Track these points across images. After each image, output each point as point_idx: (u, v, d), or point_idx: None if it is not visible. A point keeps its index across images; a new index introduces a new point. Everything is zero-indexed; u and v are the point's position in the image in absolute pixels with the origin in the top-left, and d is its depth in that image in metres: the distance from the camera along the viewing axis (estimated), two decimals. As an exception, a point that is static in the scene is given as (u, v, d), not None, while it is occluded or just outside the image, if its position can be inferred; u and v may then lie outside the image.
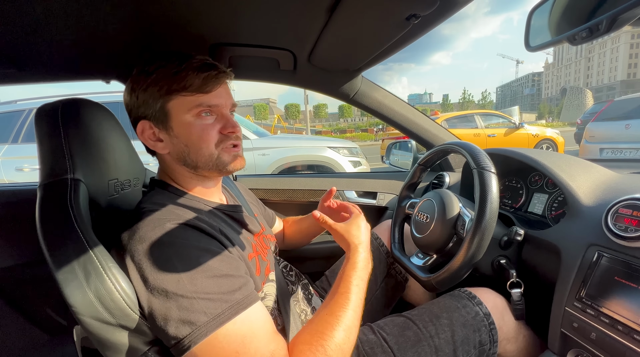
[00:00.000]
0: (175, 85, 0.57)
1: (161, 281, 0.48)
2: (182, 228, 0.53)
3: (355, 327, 0.54)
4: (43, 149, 0.58)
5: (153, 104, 0.58)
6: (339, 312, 0.54)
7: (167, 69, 0.57)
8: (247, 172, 3.04)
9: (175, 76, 0.57)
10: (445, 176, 1.15)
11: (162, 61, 0.58)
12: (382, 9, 0.59)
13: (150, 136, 0.60)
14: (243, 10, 0.64)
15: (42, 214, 0.53)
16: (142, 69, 0.59)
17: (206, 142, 0.59)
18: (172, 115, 0.58)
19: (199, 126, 0.59)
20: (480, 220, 0.63)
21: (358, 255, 0.63)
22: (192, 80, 0.57)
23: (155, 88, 0.57)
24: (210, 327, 0.46)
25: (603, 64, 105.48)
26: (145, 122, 0.60)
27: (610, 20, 0.39)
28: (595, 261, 0.58)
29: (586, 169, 0.76)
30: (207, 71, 0.58)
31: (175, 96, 0.58)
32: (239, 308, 0.48)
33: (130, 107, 0.61)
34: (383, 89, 1.12)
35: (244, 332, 0.48)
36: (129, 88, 0.60)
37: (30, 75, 0.84)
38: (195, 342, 0.45)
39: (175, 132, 0.59)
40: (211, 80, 0.58)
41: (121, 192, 0.71)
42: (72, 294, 0.49)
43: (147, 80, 0.57)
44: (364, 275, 0.61)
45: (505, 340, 0.69)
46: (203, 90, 0.58)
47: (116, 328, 0.51)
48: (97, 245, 0.52)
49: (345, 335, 0.52)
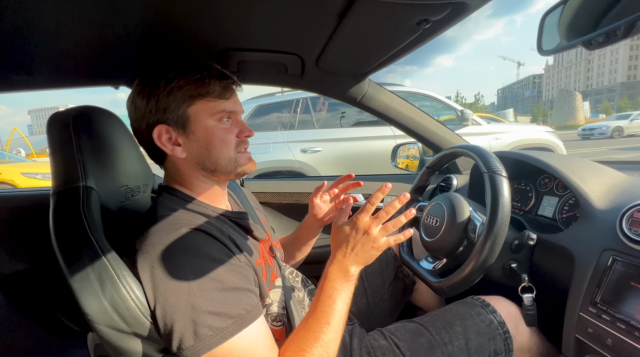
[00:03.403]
0: (198, 91, 0.59)
1: (172, 290, 0.49)
2: (195, 234, 0.53)
3: (335, 341, 0.54)
4: (56, 157, 0.58)
5: (175, 108, 0.59)
6: (316, 328, 0.54)
7: (188, 75, 0.59)
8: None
9: (198, 82, 0.59)
10: (452, 179, 1.15)
11: (180, 67, 0.60)
12: (394, 14, 0.59)
13: (168, 140, 0.60)
14: (252, 15, 0.64)
15: (56, 222, 0.53)
16: (159, 74, 0.59)
17: (227, 146, 0.62)
18: (193, 120, 0.60)
19: (220, 130, 0.61)
20: (493, 224, 0.62)
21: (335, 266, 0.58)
22: (215, 87, 0.59)
23: (179, 93, 0.58)
24: (213, 342, 0.48)
25: (603, 66, 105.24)
26: (162, 127, 0.59)
27: (628, 25, 0.39)
28: (609, 266, 0.57)
29: (598, 171, 0.75)
30: (226, 79, 0.61)
31: (199, 101, 0.59)
32: (242, 324, 0.50)
33: (144, 112, 0.60)
34: (390, 92, 1.12)
35: (246, 347, 0.50)
36: (146, 93, 0.59)
37: (39, 81, 0.85)
38: (197, 354, 0.47)
39: (196, 136, 0.60)
40: (229, 88, 0.62)
41: (131, 198, 0.71)
42: (88, 303, 0.49)
43: (169, 85, 0.58)
44: (344, 285, 0.58)
45: (519, 349, 0.69)
46: (224, 96, 0.61)
47: (130, 336, 0.51)
48: (111, 252, 0.53)
49: (323, 350, 0.52)
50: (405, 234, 0.58)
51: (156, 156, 0.64)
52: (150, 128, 0.60)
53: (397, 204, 0.56)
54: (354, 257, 0.57)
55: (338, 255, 0.58)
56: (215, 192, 0.66)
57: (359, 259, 0.57)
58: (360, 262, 0.57)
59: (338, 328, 0.55)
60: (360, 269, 0.58)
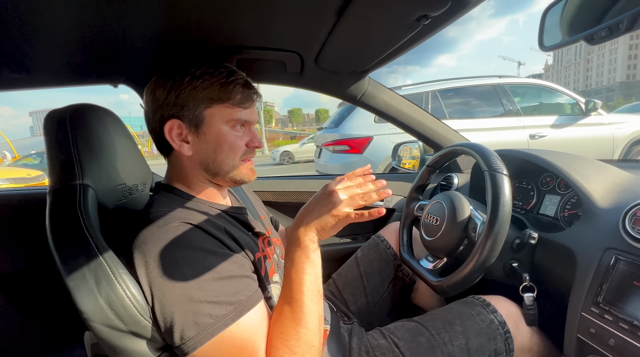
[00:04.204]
0: (220, 95, 0.59)
1: (168, 284, 0.49)
2: (188, 229, 0.53)
3: (310, 315, 0.51)
4: (52, 155, 0.58)
5: (193, 106, 0.59)
6: (285, 308, 0.52)
7: (214, 77, 0.59)
8: (605, 145, 3.35)
9: (222, 86, 0.60)
10: (453, 178, 1.14)
11: (209, 68, 0.60)
12: (393, 10, 0.59)
13: (177, 136, 0.61)
14: (251, 13, 0.63)
15: (52, 220, 0.53)
16: (186, 69, 0.60)
17: (234, 153, 0.63)
18: (208, 122, 0.60)
19: (232, 136, 0.62)
20: (493, 223, 0.62)
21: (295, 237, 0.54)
22: (236, 94, 0.60)
23: (201, 93, 0.59)
24: (215, 329, 0.48)
25: (602, 65, 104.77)
26: (175, 121, 0.60)
27: (631, 19, 0.38)
28: (612, 265, 0.56)
29: (600, 170, 0.74)
30: (250, 88, 0.63)
31: (218, 105, 0.60)
32: (242, 310, 0.50)
33: (161, 103, 0.60)
34: (390, 90, 1.12)
35: (246, 332, 0.50)
36: (167, 85, 0.59)
37: (39, 80, 0.85)
38: (201, 343, 0.47)
39: (207, 138, 0.61)
40: (251, 98, 0.63)
41: (129, 196, 0.70)
42: (83, 301, 0.49)
43: (194, 83, 0.59)
44: (300, 255, 0.53)
45: (519, 349, 0.68)
46: (243, 105, 0.61)
47: (127, 335, 0.50)
48: (107, 251, 0.52)
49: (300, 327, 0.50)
50: (371, 211, 0.51)
51: (163, 148, 0.65)
52: (164, 120, 0.60)
53: (371, 184, 0.54)
54: (308, 218, 0.52)
55: (297, 219, 0.55)
56: (214, 191, 0.67)
57: (313, 220, 0.52)
58: (314, 225, 0.52)
59: (308, 301, 0.51)
60: (314, 235, 0.52)
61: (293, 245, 0.54)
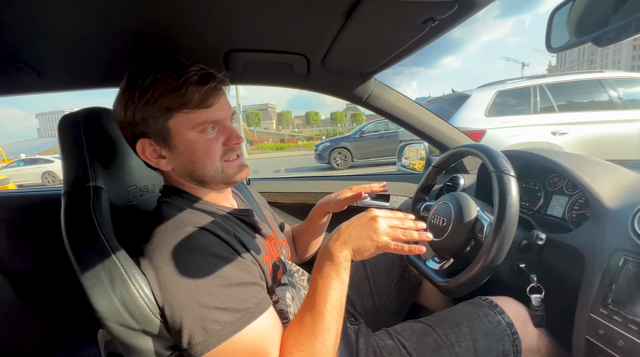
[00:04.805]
0: (175, 103, 0.54)
1: (179, 288, 0.49)
2: (200, 233, 0.54)
3: (330, 331, 0.51)
4: (66, 158, 0.59)
5: (153, 122, 0.55)
6: (307, 319, 0.52)
7: (163, 83, 0.54)
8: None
9: (173, 92, 0.54)
10: (459, 178, 1.14)
11: (156, 73, 0.54)
12: (400, 12, 0.59)
13: (152, 154, 0.58)
14: (258, 16, 0.64)
15: (67, 221, 0.54)
16: (134, 83, 0.55)
17: (211, 157, 0.58)
18: (174, 133, 0.56)
19: (203, 142, 0.57)
20: (500, 224, 0.62)
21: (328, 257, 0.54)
22: (192, 96, 0.54)
23: (154, 107, 0.54)
24: (223, 336, 0.48)
25: (606, 66, 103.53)
26: (144, 141, 0.57)
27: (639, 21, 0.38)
28: (621, 266, 0.56)
29: (609, 170, 0.74)
30: (207, 83, 0.56)
31: (177, 114, 0.55)
32: (250, 317, 0.50)
33: (125, 124, 0.57)
34: (396, 91, 1.12)
35: (255, 339, 0.50)
36: (122, 103, 0.56)
37: (51, 84, 0.87)
38: (208, 349, 0.47)
39: (179, 150, 0.57)
40: (211, 94, 0.56)
41: (140, 198, 0.72)
42: (98, 300, 0.50)
43: (144, 97, 0.54)
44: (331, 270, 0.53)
45: (527, 351, 0.68)
46: (204, 106, 0.56)
47: (139, 333, 0.52)
48: (120, 251, 0.53)
49: (317, 342, 0.50)
50: (411, 247, 0.52)
51: (148, 165, 0.62)
52: (134, 141, 0.58)
53: (411, 223, 0.56)
54: (346, 236, 0.53)
55: (334, 234, 0.55)
56: (216, 194, 0.67)
57: (351, 240, 0.53)
58: (351, 244, 0.53)
59: (329, 317, 0.51)
60: (349, 254, 0.53)
61: (325, 258, 0.53)
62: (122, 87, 0.57)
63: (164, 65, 0.56)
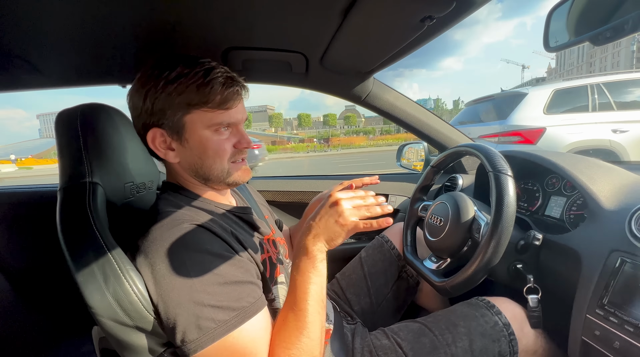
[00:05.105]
0: (197, 99, 0.55)
1: (174, 285, 0.49)
2: (196, 230, 0.54)
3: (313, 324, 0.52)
4: (63, 153, 0.59)
5: (171, 114, 0.56)
6: (290, 316, 0.52)
7: (190, 79, 0.55)
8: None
9: (198, 89, 0.55)
10: (458, 178, 1.14)
11: (184, 68, 0.56)
12: (397, 10, 0.59)
13: (161, 144, 0.59)
14: (257, 14, 0.64)
15: (62, 217, 0.54)
16: (160, 73, 0.56)
17: (221, 157, 0.60)
18: (189, 128, 0.57)
19: (216, 141, 0.59)
20: (497, 224, 0.61)
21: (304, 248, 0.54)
22: (215, 96, 0.56)
23: (177, 99, 0.55)
24: (217, 334, 0.48)
25: (605, 68, 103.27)
26: (157, 130, 0.58)
27: (636, 19, 0.38)
28: (618, 267, 0.56)
29: (607, 171, 0.73)
30: (231, 86, 0.57)
31: (196, 110, 0.56)
32: (245, 316, 0.50)
33: (141, 111, 0.58)
34: (395, 91, 1.12)
35: (249, 339, 0.50)
36: (142, 93, 0.57)
37: (49, 80, 0.87)
38: (201, 347, 0.47)
39: (190, 145, 0.59)
40: (233, 97, 0.58)
41: (137, 195, 0.72)
42: (92, 296, 0.50)
43: (168, 88, 0.55)
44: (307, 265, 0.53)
45: (524, 352, 0.68)
46: (224, 107, 0.57)
47: (133, 330, 0.51)
48: (115, 248, 0.53)
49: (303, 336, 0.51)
50: (379, 221, 0.52)
51: (154, 155, 0.64)
52: (146, 129, 0.59)
53: (373, 199, 0.55)
54: (317, 229, 0.53)
55: (305, 229, 0.55)
56: (216, 191, 0.67)
57: (322, 231, 0.53)
58: (323, 235, 0.53)
59: (312, 311, 0.51)
60: (322, 246, 0.53)
61: (301, 254, 0.54)
62: (144, 74, 0.57)
63: (191, 61, 0.57)
